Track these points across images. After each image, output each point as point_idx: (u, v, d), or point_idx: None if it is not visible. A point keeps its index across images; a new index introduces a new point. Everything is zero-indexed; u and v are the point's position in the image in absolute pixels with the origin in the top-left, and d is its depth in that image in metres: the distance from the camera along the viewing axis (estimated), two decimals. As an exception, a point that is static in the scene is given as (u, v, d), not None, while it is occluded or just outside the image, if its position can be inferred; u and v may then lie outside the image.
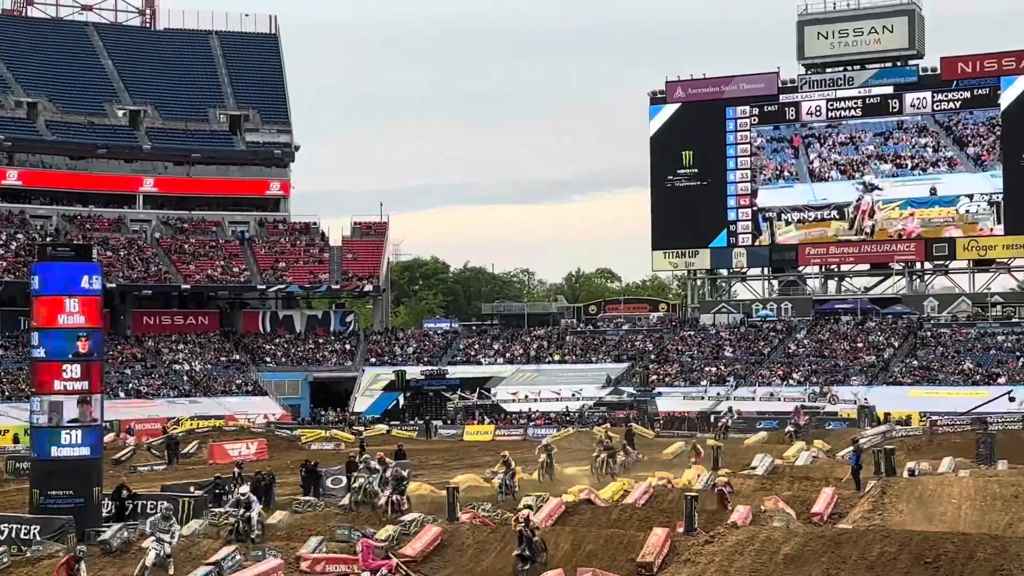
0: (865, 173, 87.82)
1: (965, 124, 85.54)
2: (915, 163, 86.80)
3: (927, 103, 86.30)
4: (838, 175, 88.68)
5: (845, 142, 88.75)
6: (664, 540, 25.45)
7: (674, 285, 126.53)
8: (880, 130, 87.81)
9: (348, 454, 45.18)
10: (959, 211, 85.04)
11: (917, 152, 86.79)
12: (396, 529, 29.05)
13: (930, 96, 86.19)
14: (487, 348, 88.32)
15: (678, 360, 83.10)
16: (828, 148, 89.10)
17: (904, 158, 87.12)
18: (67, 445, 30.43)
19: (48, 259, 31.35)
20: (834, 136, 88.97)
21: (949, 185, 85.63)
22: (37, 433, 30.74)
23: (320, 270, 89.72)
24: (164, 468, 51.01)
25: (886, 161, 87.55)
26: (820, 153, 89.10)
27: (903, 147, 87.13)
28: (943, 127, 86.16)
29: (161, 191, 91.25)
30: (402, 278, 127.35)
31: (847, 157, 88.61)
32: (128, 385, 77.18)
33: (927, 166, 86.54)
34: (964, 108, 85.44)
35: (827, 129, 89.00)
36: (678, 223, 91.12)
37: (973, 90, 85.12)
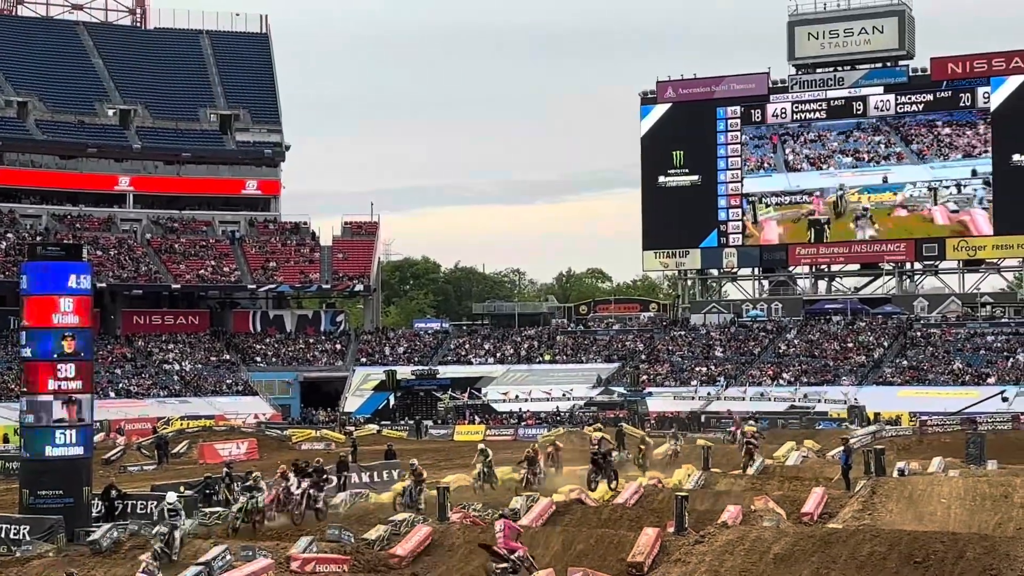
0: (840, 166, 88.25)
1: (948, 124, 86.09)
2: (871, 157, 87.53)
3: (913, 103, 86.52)
4: (824, 167, 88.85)
5: (833, 139, 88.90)
6: (654, 540, 25.46)
7: (665, 285, 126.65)
8: (866, 127, 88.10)
9: (339, 454, 45.15)
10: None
11: (873, 149, 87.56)
12: (386, 529, 29.03)
13: (914, 97, 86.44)
14: (478, 348, 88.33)
15: (669, 360, 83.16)
16: (811, 145, 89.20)
17: (873, 155, 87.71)
18: (61, 445, 30.36)
19: (38, 258, 31.26)
20: (822, 134, 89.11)
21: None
22: (30, 433, 30.62)
23: (311, 270, 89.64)
24: (154, 468, 50.94)
25: (856, 156, 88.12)
26: (796, 150, 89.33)
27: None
28: (924, 126, 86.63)
29: (151, 191, 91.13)
30: (393, 278, 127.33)
31: (827, 150, 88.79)
32: (118, 385, 77.06)
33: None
34: (952, 108, 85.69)
35: (815, 128, 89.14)
36: (669, 223, 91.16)
37: (959, 91, 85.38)
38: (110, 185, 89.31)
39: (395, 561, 26.55)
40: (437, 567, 26.26)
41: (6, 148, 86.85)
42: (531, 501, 32.04)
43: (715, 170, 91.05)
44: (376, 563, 26.78)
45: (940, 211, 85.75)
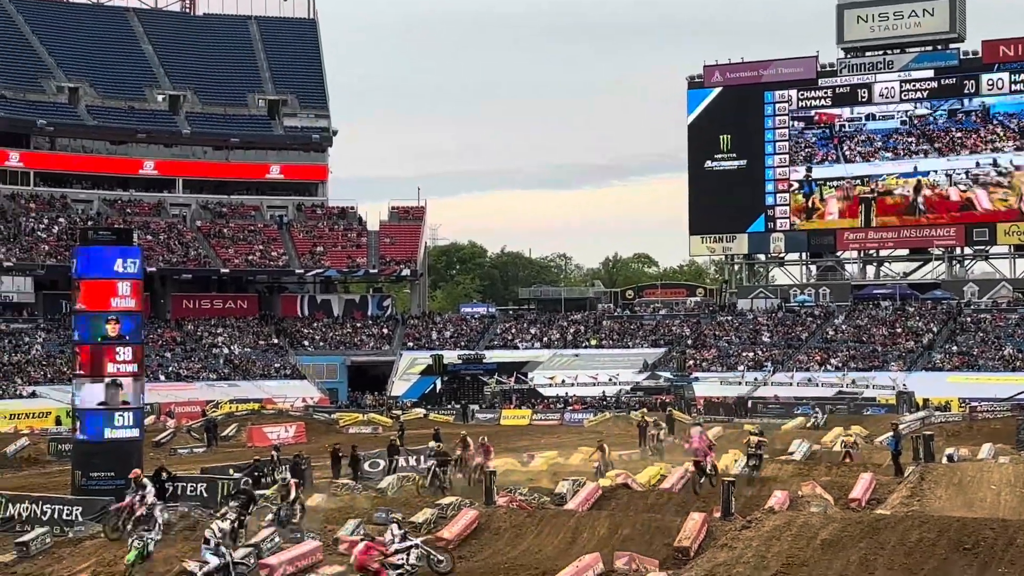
0: (903, 155, 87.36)
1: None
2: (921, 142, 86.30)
3: (966, 87, 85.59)
4: (876, 155, 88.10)
5: (882, 125, 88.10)
6: (701, 525, 25.44)
7: (711, 270, 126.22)
8: (918, 113, 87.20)
9: (388, 438, 45.38)
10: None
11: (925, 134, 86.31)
12: (433, 512, 29.19)
13: (966, 80, 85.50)
14: (524, 333, 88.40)
15: (715, 345, 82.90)
16: (866, 130, 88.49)
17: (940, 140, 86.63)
18: (121, 427, 30.69)
19: (89, 243, 31.58)
20: (871, 119, 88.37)
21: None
22: (89, 415, 30.81)
23: (358, 254, 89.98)
24: (203, 451, 51.40)
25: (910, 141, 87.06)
26: (857, 135, 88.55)
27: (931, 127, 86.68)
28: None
29: (199, 176, 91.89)
30: (439, 262, 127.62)
31: (884, 138, 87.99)
32: (168, 368, 77.75)
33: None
34: (1007, 93, 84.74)
35: (866, 111, 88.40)
36: (716, 208, 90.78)
37: (1012, 73, 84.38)
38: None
39: (442, 544, 26.66)
40: (484, 550, 26.35)
41: (58, 134, 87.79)
42: (577, 485, 32.09)
43: (763, 154, 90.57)
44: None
45: (984, 195, 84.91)
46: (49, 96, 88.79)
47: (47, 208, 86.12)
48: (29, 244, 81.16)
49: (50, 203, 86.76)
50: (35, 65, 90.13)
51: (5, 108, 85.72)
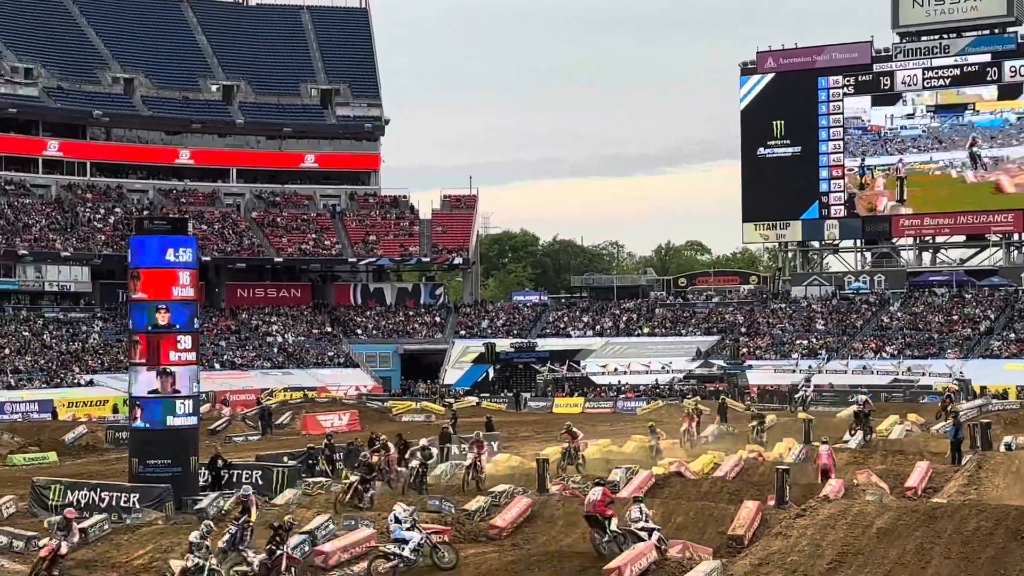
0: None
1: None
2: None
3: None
4: (930, 140, 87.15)
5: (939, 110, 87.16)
6: (755, 513, 25.33)
7: (765, 258, 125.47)
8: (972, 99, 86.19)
9: (441, 426, 45.53)
10: None
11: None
12: (487, 500, 29.24)
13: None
14: (576, 321, 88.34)
15: (769, 333, 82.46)
16: (921, 114, 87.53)
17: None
18: (179, 415, 30.96)
19: (145, 232, 31.84)
20: (927, 103, 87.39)
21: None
22: (147, 403, 31.10)
23: (410, 243, 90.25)
24: (258, 438, 51.82)
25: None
26: (912, 119, 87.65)
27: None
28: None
29: (253, 165, 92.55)
30: (491, 251, 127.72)
31: (939, 123, 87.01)
32: (223, 357, 78.37)
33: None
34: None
35: (922, 96, 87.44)
36: (769, 195, 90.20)
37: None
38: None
39: (495, 532, 26.71)
40: (537, 538, 26.35)
41: (114, 124, 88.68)
42: (630, 473, 32.04)
43: (817, 141, 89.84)
44: (476, 533, 26.98)
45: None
46: (105, 87, 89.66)
47: (103, 198, 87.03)
48: (86, 234, 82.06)
49: (106, 193, 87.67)
50: (91, 56, 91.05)
51: (62, 99, 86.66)
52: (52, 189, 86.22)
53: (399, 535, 23.21)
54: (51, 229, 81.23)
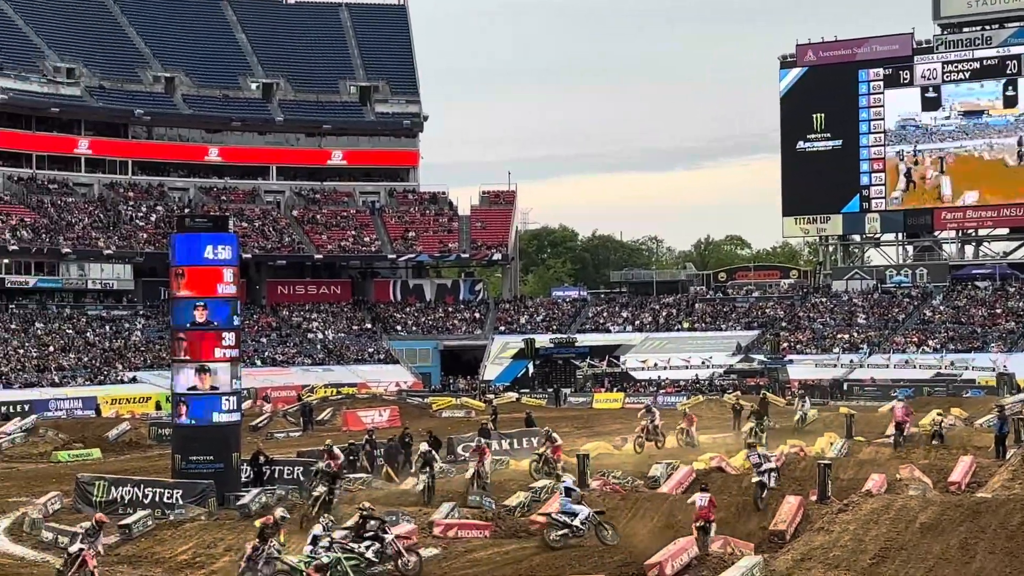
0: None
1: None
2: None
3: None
4: (974, 131, 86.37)
5: (981, 99, 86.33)
6: (797, 508, 25.26)
7: (805, 251, 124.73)
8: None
9: (480, 422, 45.57)
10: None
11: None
12: (527, 495, 29.27)
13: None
14: (616, 316, 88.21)
15: (810, 327, 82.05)
16: (963, 105, 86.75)
17: None
18: (221, 412, 31.11)
19: (186, 230, 31.99)
20: (970, 93, 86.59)
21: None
22: (191, 400, 31.22)
23: (449, 239, 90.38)
24: (299, 435, 51.98)
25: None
26: (954, 110, 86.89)
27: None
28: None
29: (293, 163, 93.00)
30: (530, 246, 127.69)
31: (983, 113, 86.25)
32: (264, 353, 78.78)
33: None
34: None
35: (965, 86, 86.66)
36: (809, 188, 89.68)
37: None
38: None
39: (536, 527, 26.72)
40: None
41: (155, 123, 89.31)
42: (671, 468, 31.99)
43: (857, 134, 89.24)
44: (517, 529, 27.02)
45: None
46: (146, 86, 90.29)
47: (145, 196, 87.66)
48: (128, 232, 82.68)
49: (148, 191, 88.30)
50: (132, 56, 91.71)
51: (104, 98, 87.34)
52: (94, 188, 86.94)
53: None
54: (94, 227, 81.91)
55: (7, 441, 47.52)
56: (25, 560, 25.97)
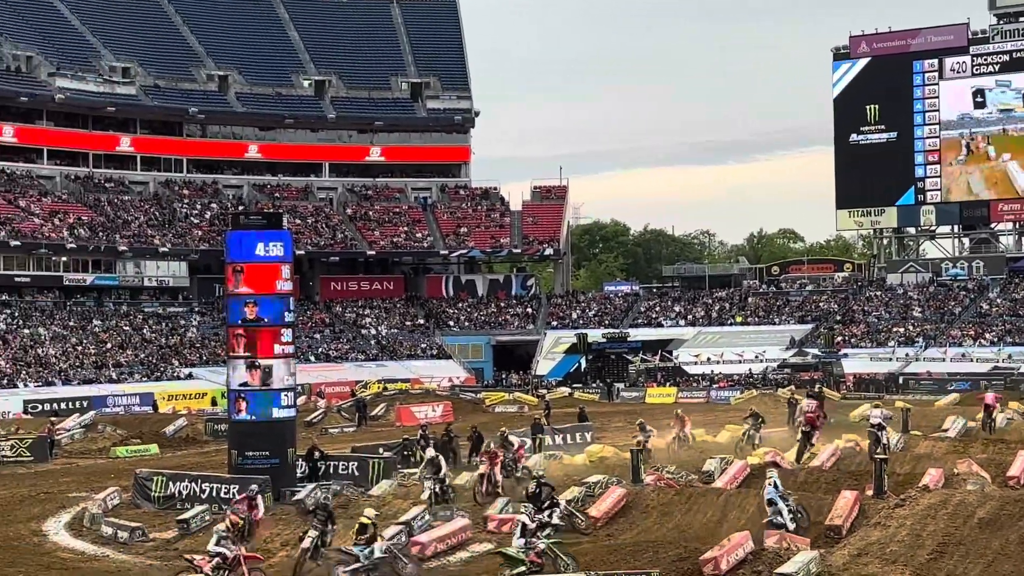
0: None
1: None
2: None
3: None
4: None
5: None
6: (853, 503, 25.07)
7: (859, 245, 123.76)
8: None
9: (533, 417, 45.61)
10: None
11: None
12: (581, 490, 29.25)
13: None
14: (668, 310, 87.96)
15: (864, 321, 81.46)
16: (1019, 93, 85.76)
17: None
18: (274, 407, 31.34)
19: (240, 227, 32.21)
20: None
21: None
22: (251, 396, 31.38)
23: (501, 234, 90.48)
24: (353, 430, 52.23)
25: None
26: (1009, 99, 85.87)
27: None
28: None
29: (345, 160, 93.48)
30: (582, 241, 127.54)
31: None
32: (318, 349, 79.23)
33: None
34: None
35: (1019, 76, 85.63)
36: (863, 181, 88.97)
37: None
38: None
39: (592, 521, 26.73)
40: (631, 528, 26.33)
41: (209, 121, 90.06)
42: (725, 463, 31.87)
43: (912, 126, 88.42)
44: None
45: None
46: (200, 84, 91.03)
47: (199, 194, 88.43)
48: (183, 229, 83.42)
49: (202, 189, 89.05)
50: (186, 54, 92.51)
51: (159, 97, 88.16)
52: (150, 186, 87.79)
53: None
54: (149, 225, 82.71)
55: (67, 437, 48.08)
56: (86, 555, 26.29)
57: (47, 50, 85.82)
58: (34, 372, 67.09)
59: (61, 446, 46.43)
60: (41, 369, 67.81)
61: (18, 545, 27.19)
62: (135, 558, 25.61)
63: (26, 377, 66.10)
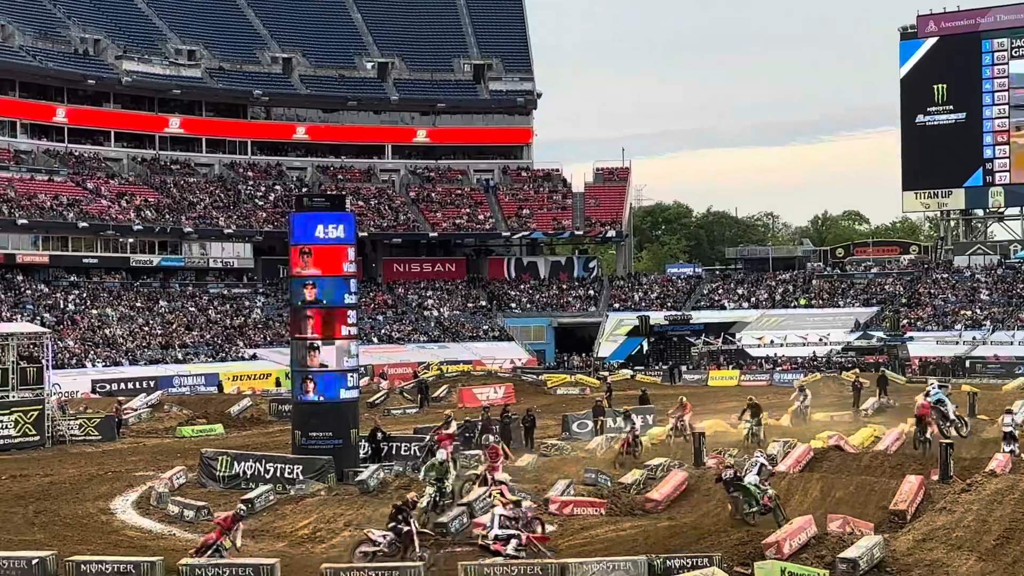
0: None
1: None
2: None
3: None
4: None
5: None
6: (918, 488, 24.87)
7: (926, 227, 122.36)
8: None
9: (595, 399, 45.60)
10: None
11: None
12: (642, 473, 29.25)
13: None
14: (731, 293, 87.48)
15: (931, 304, 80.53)
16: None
17: None
18: (345, 388, 31.58)
19: (304, 209, 32.43)
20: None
21: None
22: (315, 377, 31.60)
23: (563, 216, 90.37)
24: (416, 411, 52.50)
25: None
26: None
27: None
28: None
29: (406, 141, 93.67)
30: (644, 223, 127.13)
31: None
32: (380, 331, 79.61)
33: None
34: None
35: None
36: (930, 162, 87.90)
37: None
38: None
39: (651, 505, 26.72)
40: (693, 512, 26.29)
41: (273, 103, 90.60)
42: (788, 447, 31.71)
43: (980, 106, 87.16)
44: (632, 507, 27.01)
45: None
46: (264, 67, 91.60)
47: (263, 176, 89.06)
48: (247, 211, 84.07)
49: (266, 171, 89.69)
50: (251, 37, 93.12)
51: (223, 79, 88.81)
52: (215, 167, 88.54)
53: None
54: (214, 207, 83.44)
55: (133, 417, 48.76)
56: (152, 533, 26.66)
57: (114, 33, 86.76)
58: (102, 352, 67.99)
59: (128, 425, 47.10)
60: (109, 349, 68.70)
61: (87, 523, 27.64)
62: (201, 536, 25.89)
63: (94, 357, 66.98)
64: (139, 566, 21.21)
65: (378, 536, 22.61)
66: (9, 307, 68.84)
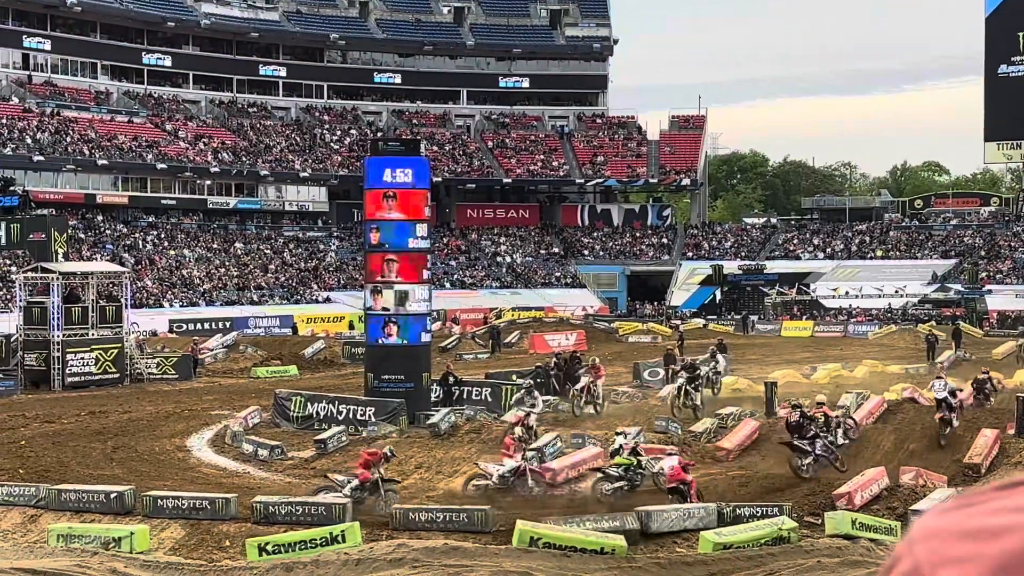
0: None
1: None
2: None
3: None
4: None
5: None
6: (993, 442, 24.61)
7: (1008, 179, 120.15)
8: None
9: (666, 347, 45.49)
10: None
11: None
12: (714, 422, 29.20)
13: None
14: (806, 243, 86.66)
15: (1011, 256, 79.24)
16: None
17: None
18: (422, 332, 31.95)
19: (379, 154, 32.54)
20: None
21: None
22: (391, 320, 31.89)
23: (638, 164, 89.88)
24: (487, 357, 52.69)
25: None
26: None
27: None
28: None
29: (481, 87, 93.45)
30: (720, 172, 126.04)
31: None
32: (453, 276, 79.91)
33: None
34: None
35: None
36: (1014, 112, 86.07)
37: None
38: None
39: (722, 454, 26.69)
40: (764, 461, 26.20)
41: (349, 47, 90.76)
42: (861, 399, 31.47)
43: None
44: (703, 455, 26.99)
45: None
46: (341, 11, 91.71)
47: (339, 120, 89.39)
48: (323, 155, 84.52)
49: (342, 115, 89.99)
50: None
51: (300, 23, 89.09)
52: (291, 111, 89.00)
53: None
54: (290, 150, 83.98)
55: (210, 357, 49.46)
56: (227, 471, 27.08)
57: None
58: (179, 292, 68.92)
59: (204, 365, 47.79)
60: (186, 290, 69.62)
61: (163, 459, 28.14)
62: (274, 475, 26.30)
63: (171, 297, 67.94)
64: (214, 502, 21.57)
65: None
66: (89, 246, 69.96)
